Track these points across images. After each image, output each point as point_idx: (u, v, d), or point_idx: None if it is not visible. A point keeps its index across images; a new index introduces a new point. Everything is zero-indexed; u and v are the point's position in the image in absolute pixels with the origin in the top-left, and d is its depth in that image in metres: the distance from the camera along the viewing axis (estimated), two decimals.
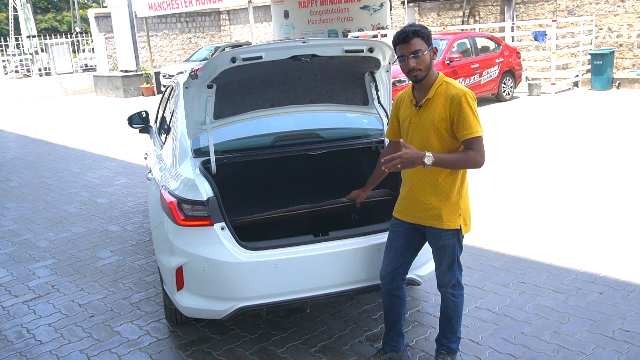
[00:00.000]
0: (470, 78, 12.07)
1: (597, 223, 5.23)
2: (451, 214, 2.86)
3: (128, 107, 15.48)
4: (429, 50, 2.75)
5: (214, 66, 3.11)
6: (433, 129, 2.78)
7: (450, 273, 2.99)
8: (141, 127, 5.40)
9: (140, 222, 6.05)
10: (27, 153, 10.65)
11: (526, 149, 8.17)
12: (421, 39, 2.73)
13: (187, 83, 3.20)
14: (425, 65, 2.76)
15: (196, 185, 3.16)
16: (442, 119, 2.75)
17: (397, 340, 3.19)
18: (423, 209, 2.89)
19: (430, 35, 2.77)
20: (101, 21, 21.70)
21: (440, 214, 2.86)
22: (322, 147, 3.86)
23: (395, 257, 3.04)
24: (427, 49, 2.74)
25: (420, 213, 2.91)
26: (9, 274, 4.89)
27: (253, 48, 3.14)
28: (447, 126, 2.75)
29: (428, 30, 2.77)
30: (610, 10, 13.75)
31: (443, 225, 2.87)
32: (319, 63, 3.30)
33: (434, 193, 2.85)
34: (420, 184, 2.88)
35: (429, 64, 2.77)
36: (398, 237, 3.04)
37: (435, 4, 17.04)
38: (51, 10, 47.92)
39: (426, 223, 2.92)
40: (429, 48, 2.75)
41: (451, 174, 2.82)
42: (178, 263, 3.14)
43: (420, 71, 2.76)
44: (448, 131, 2.76)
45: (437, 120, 2.76)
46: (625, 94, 12.51)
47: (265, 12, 22.53)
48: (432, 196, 2.86)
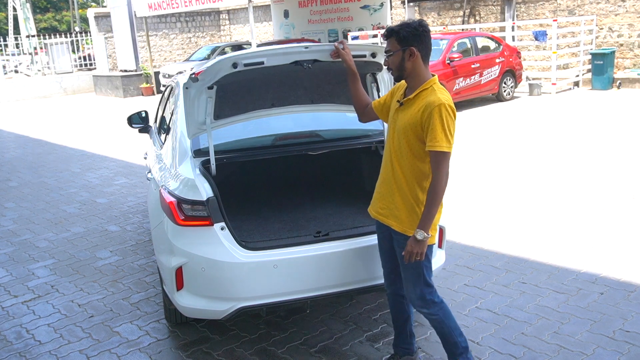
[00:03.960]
0: (470, 78, 12.07)
1: (597, 223, 5.22)
2: (411, 221, 2.72)
3: (128, 107, 15.46)
4: (401, 51, 2.66)
5: (215, 71, 3.09)
6: (404, 132, 2.69)
7: (417, 290, 2.80)
8: (141, 127, 5.40)
9: (140, 222, 6.04)
10: (27, 153, 10.65)
11: (526, 149, 8.16)
12: (395, 39, 2.67)
13: (188, 84, 3.19)
14: (395, 66, 2.70)
15: (196, 185, 3.16)
16: (413, 123, 2.64)
17: (409, 341, 3.14)
18: (386, 207, 2.81)
19: (412, 34, 2.64)
20: (101, 21, 21.68)
21: (399, 216, 2.76)
22: (322, 147, 3.85)
23: (387, 260, 3.01)
24: (397, 50, 2.66)
25: (383, 210, 2.84)
26: (9, 274, 4.89)
27: (255, 53, 3.12)
28: (416, 131, 2.64)
29: (411, 30, 2.65)
30: (610, 10, 13.75)
31: (400, 229, 2.76)
32: (320, 66, 3.29)
33: (395, 193, 2.76)
34: (387, 177, 2.81)
35: (400, 64, 2.68)
36: (383, 239, 2.97)
37: (436, 3, 17.03)
38: (50, 10, 47.91)
39: (385, 221, 2.83)
40: (401, 48, 2.65)
41: (416, 177, 2.71)
42: (178, 263, 3.14)
43: (392, 70, 2.74)
44: (417, 136, 2.65)
45: (409, 123, 2.67)
46: (626, 94, 12.50)
47: (265, 12, 22.53)
48: (393, 195, 2.77)
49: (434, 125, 2.56)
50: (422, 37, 2.67)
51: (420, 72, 2.69)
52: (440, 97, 2.60)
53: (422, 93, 2.67)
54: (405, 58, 2.67)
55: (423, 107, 2.61)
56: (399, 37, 2.66)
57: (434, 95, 2.62)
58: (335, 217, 3.79)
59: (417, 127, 2.64)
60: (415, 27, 2.67)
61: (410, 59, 2.67)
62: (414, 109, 2.66)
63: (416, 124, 2.64)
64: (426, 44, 2.70)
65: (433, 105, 2.57)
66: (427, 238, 2.63)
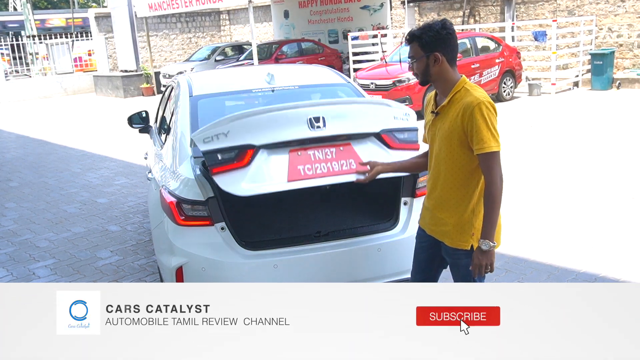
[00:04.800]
0: (470, 78, 11.98)
1: (597, 223, 5.22)
2: (462, 234, 2.60)
3: (128, 107, 15.47)
4: (425, 57, 2.53)
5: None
6: (448, 141, 2.53)
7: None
8: (141, 127, 5.40)
9: (140, 222, 6.05)
10: (27, 153, 10.65)
11: (526, 149, 8.17)
12: (418, 45, 2.55)
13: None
14: (421, 71, 2.58)
15: (196, 185, 3.16)
16: (455, 129, 2.49)
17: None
18: (435, 223, 2.70)
19: (435, 39, 2.51)
20: (101, 21, 21.68)
21: (449, 231, 2.63)
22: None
23: (419, 270, 2.89)
24: (421, 56, 2.54)
25: (433, 226, 2.72)
26: (9, 274, 4.89)
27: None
28: (459, 137, 2.49)
29: (434, 34, 2.51)
30: (610, 10, 13.75)
31: (453, 244, 2.63)
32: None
33: (444, 208, 2.63)
34: (434, 195, 2.69)
35: (425, 70, 2.56)
36: (421, 249, 2.86)
37: (436, 4, 17.04)
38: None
39: (438, 238, 2.71)
40: (425, 54, 2.53)
41: (462, 187, 2.57)
42: (178, 263, 3.14)
43: (418, 76, 2.63)
44: (461, 143, 2.50)
45: (450, 131, 2.51)
46: (626, 94, 12.50)
47: (265, 12, 22.54)
48: (444, 211, 2.64)
49: (478, 127, 2.42)
50: (446, 40, 2.53)
51: (448, 75, 2.56)
52: (477, 96, 2.46)
53: (456, 96, 2.53)
54: (430, 64, 2.55)
55: (462, 111, 2.46)
56: (422, 43, 2.53)
57: (470, 96, 2.48)
58: (335, 217, 3.79)
59: (460, 133, 2.48)
60: (438, 30, 2.52)
61: (435, 64, 2.54)
62: (451, 115, 2.52)
63: (458, 129, 2.49)
64: (452, 47, 2.56)
65: (472, 105, 2.43)
66: (494, 247, 2.49)
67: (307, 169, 3.04)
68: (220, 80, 4.58)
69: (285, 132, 2.99)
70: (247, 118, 2.97)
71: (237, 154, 2.96)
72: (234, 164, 2.95)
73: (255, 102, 4.23)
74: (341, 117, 3.09)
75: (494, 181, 2.47)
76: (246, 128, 2.96)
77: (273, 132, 2.98)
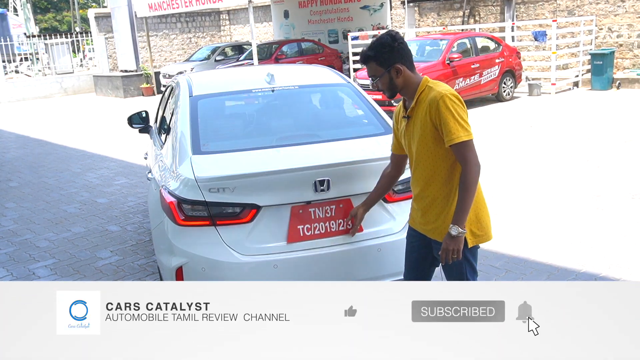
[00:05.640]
0: (470, 78, 12.08)
1: (597, 223, 5.22)
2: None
3: (128, 107, 15.47)
4: (387, 72, 2.62)
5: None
6: (421, 139, 2.63)
7: None
8: (141, 127, 5.40)
9: (140, 222, 6.05)
10: (27, 153, 10.66)
11: (526, 149, 8.17)
12: (375, 63, 2.64)
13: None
14: (386, 87, 2.67)
15: (196, 185, 3.16)
16: (426, 126, 2.58)
17: None
18: (426, 222, 2.75)
19: (390, 53, 2.60)
20: (101, 21, 21.69)
21: (439, 227, 2.68)
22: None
23: (411, 270, 2.93)
24: (382, 73, 2.63)
25: (424, 225, 2.77)
26: (9, 274, 4.89)
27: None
28: (432, 133, 2.57)
29: (387, 49, 2.60)
30: (610, 10, 13.76)
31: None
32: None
33: (433, 206, 2.69)
34: (420, 196, 2.74)
35: (390, 84, 2.66)
36: (412, 249, 2.91)
37: (436, 4, 17.04)
38: (51, 10, 47.90)
39: (430, 236, 2.76)
40: (385, 70, 2.62)
41: (446, 183, 2.64)
42: (178, 263, 3.14)
43: (385, 92, 2.70)
44: (435, 139, 2.58)
45: (422, 129, 2.60)
46: (626, 94, 12.50)
47: (265, 12, 22.54)
48: (432, 209, 2.70)
49: (445, 119, 2.49)
50: (400, 50, 2.63)
51: (412, 80, 2.66)
52: (440, 90, 2.55)
53: (421, 96, 2.62)
54: (393, 77, 2.64)
55: (428, 107, 2.55)
56: (379, 60, 2.63)
57: (433, 91, 2.56)
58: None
59: (432, 129, 2.57)
60: (390, 44, 2.62)
61: (398, 75, 2.64)
62: (421, 114, 2.61)
63: (429, 125, 2.57)
64: (407, 54, 2.66)
65: (436, 99, 2.52)
66: (463, 234, 2.53)
67: (307, 229, 3.18)
68: (220, 80, 4.58)
69: (290, 194, 3.13)
70: (255, 178, 3.11)
71: (242, 211, 3.11)
72: (238, 219, 3.11)
73: (255, 102, 4.23)
74: (347, 177, 3.20)
75: (469, 169, 2.52)
76: (253, 187, 3.09)
77: (278, 193, 3.11)
